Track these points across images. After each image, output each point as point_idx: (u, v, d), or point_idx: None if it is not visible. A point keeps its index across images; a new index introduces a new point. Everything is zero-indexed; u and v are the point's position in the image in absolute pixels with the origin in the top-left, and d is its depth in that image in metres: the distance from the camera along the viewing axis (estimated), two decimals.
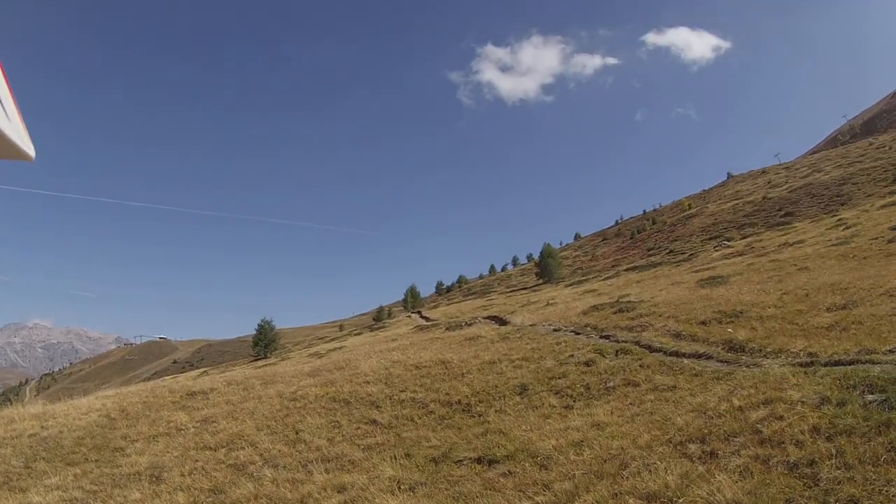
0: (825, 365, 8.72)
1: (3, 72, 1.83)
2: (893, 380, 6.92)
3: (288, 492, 8.03)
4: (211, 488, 8.88)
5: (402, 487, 7.37)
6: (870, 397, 6.67)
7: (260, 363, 33.94)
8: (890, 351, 8.74)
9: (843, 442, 5.68)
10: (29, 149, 1.91)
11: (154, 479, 9.73)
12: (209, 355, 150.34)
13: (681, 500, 5.31)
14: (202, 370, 42.60)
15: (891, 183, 55.56)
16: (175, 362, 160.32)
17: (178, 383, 20.00)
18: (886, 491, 4.61)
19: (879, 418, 5.96)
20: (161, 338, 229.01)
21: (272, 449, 10.41)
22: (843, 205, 53.46)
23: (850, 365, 8.36)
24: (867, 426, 5.89)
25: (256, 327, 48.05)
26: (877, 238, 26.73)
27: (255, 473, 9.25)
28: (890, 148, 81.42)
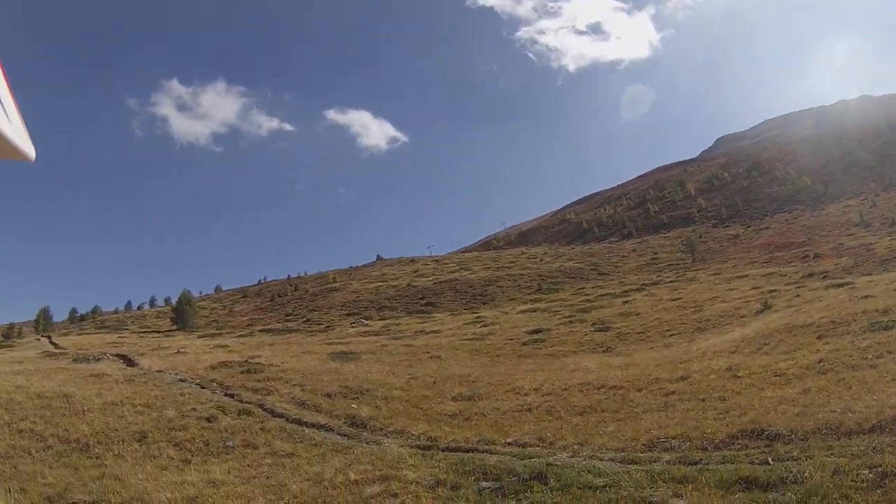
0: (444, 450, 9.92)
1: (3, 72, 1.97)
2: (509, 470, 7.99)
3: None
4: None
5: None
6: (484, 484, 7.60)
7: None
8: (509, 443, 10.19)
9: None
10: (29, 149, 2.04)
11: None
12: None
13: None
14: None
15: (535, 291, 67.10)
16: None
17: None
18: None
19: None
20: None
21: None
22: (485, 304, 62.73)
23: (468, 452, 9.57)
24: None
25: None
26: (512, 339, 31.85)
27: None
28: (541, 260, 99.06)
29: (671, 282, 58.93)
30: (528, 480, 7.43)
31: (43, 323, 72.22)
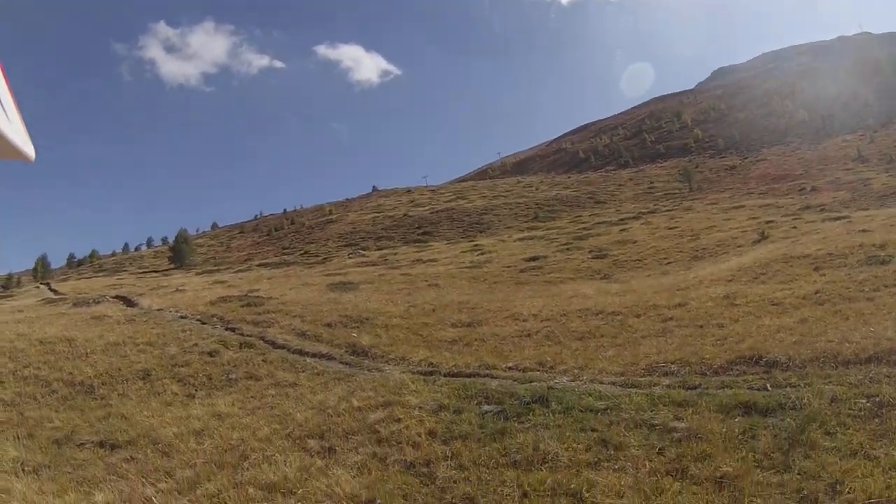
0: (445, 375, 10.05)
1: (3, 72, 1.96)
2: (510, 393, 8.12)
3: None
4: None
5: (25, 469, 7.65)
6: (486, 407, 7.75)
7: None
8: (509, 368, 10.30)
9: (459, 445, 6.58)
10: (29, 149, 2.04)
11: None
12: None
13: (300, 492, 5.86)
14: None
15: (531, 220, 67.27)
16: None
17: None
18: (500, 490, 5.41)
19: (495, 427, 7.00)
20: None
21: None
22: (481, 232, 62.94)
23: (469, 377, 9.71)
24: (483, 433, 6.88)
25: None
26: (510, 266, 32.05)
27: None
28: (537, 189, 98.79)
29: (668, 210, 58.93)
30: (530, 403, 7.55)
31: (41, 270, 73.08)
